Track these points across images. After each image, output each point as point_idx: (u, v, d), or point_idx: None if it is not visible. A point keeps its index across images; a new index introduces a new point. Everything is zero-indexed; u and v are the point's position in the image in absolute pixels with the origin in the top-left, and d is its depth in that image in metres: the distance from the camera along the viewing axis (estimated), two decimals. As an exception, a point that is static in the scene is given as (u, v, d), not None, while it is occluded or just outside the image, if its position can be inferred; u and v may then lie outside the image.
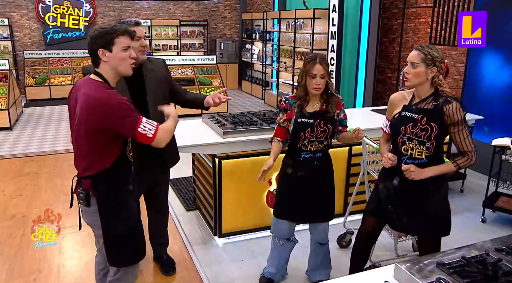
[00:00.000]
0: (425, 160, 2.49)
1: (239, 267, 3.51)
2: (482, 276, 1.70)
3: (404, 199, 2.58)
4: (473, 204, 4.68)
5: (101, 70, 2.20)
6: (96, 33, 2.15)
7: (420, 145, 2.47)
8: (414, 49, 2.49)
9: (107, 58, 2.16)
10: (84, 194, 2.22)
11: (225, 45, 13.19)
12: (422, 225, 2.60)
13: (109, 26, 2.21)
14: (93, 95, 2.10)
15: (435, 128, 2.42)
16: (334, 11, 7.64)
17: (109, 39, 2.14)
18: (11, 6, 11.81)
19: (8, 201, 4.77)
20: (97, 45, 2.14)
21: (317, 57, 2.79)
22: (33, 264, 3.49)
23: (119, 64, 2.19)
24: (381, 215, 2.73)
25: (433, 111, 2.43)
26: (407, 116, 2.50)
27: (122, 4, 12.84)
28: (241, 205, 3.84)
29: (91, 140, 2.16)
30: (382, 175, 2.74)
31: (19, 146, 7.04)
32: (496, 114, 5.56)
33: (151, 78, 2.88)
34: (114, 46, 2.15)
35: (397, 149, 2.58)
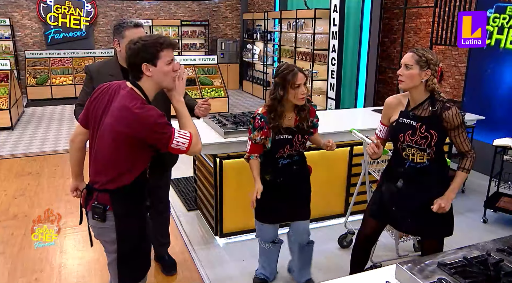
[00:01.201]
0: (427, 163, 2.49)
1: (240, 267, 3.52)
2: (483, 277, 1.70)
3: (408, 201, 2.57)
4: (474, 204, 4.68)
5: (142, 83, 2.09)
6: (139, 46, 2.04)
7: (421, 151, 2.47)
8: (409, 51, 2.48)
9: (151, 73, 2.06)
10: (101, 209, 2.08)
11: (226, 45, 13.20)
12: (427, 226, 2.59)
13: (150, 38, 2.08)
14: (132, 111, 1.98)
15: (435, 136, 2.41)
16: (335, 11, 7.64)
17: (154, 53, 2.04)
18: (12, 6, 11.82)
19: (10, 200, 4.78)
20: (141, 60, 2.03)
21: (294, 66, 2.73)
22: (35, 264, 3.50)
23: (163, 79, 2.10)
24: (383, 216, 2.73)
25: (432, 118, 2.42)
26: (405, 123, 2.48)
27: (124, 4, 12.85)
28: (242, 205, 3.83)
29: (123, 151, 2.06)
30: (385, 177, 2.74)
31: (20, 146, 7.05)
32: (498, 115, 5.56)
33: None
34: (159, 61, 2.05)
35: (398, 154, 2.59)
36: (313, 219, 4.15)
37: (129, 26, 2.69)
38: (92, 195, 2.13)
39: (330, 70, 8.04)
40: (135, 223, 2.18)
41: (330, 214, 4.21)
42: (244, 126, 3.80)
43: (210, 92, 9.84)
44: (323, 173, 4.03)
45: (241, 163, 3.72)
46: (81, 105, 2.63)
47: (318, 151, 3.98)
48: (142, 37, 2.09)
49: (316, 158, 3.98)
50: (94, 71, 2.83)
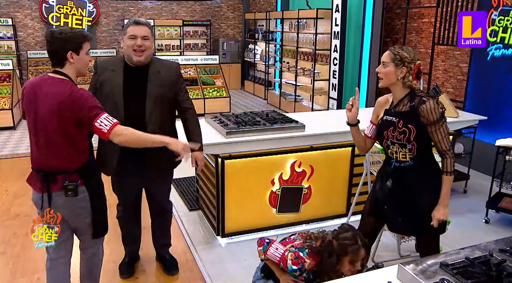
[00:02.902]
0: (410, 162, 2.52)
1: (242, 267, 3.51)
2: (486, 277, 1.69)
3: (397, 200, 2.61)
4: (476, 205, 4.67)
5: (65, 70, 2.36)
6: (65, 36, 2.31)
7: (402, 147, 2.50)
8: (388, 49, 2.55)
9: (73, 60, 2.35)
10: (73, 185, 2.37)
11: (228, 45, 13.20)
12: (417, 225, 2.61)
13: (73, 30, 2.39)
14: (64, 91, 2.26)
15: (413, 130, 2.44)
16: (337, 11, 7.63)
17: (78, 43, 2.34)
18: (15, 6, 11.85)
19: (12, 200, 4.79)
20: (67, 48, 2.31)
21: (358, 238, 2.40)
22: (37, 263, 3.50)
23: (81, 66, 2.42)
24: (379, 215, 2.76)
25: (410, 113, 2.46)
26: (388, 121, 2.55)
27: (125, 4, 12.86)
28: (244, 205, 3.84)
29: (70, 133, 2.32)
30: (379, 176, 2.78)
31: (22, 146, 7.06)
32: (500, 115, 5.55)
33: (155, 80, 2.81)
34: (81, 50, 2.36)
35: (386, 153, 2.65)
36: (314, 219, 4.17)
37: (130, 23, 2.77)
38: (55, 178, 2.37)
39: (332, 70, 8.03)
40: (100, 189, 2.60)
41: (332, 214, 4.21)
42: (246, 127, 3.80)
43: (212, 92, 9.84)
44: (325, 173, 4.03)
45: (243, 163, 3.73)
46: None
47: (320, 150, 3.99)
48: (63, 29, 2.37)
49: (319, 158, 3.99)
50: (99, 65, 2.89)
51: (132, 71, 2.81)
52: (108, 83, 2.80)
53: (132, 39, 2.72)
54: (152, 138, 2.47)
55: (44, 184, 2.37)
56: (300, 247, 2.46)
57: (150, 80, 2.81)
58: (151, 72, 2.82)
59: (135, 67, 2.80)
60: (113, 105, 2.74)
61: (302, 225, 4.12)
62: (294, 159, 3.89)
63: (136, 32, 2.73)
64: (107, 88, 2.79)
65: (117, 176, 3.03)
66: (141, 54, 2.74)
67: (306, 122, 3.99)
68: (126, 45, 2.76)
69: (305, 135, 3.89)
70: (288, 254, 2.43)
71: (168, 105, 2.89)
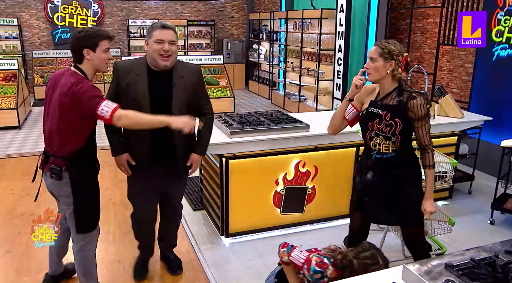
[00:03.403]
0: (393, 154, 2.58)
1: (246, 267, 3.51)
2: (491, 279, 1.68)
3: (378, 191, 2.67)
4: (481, 206, 4.65)
5: (83, 66, 2.59)
6: (82, 35, 2.54)
7: (386, 140, 2.56)
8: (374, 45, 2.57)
9: (90, 57, 2.56)
10: (57, 169, 2.58)
11: (232, 45, 13.20)
12: (399, 216, 2.69)
13: (92, 29, 2.65)
14: (67, 82, 2.48)
15: (399, 124, 2.49)
16: (341, 11, 7.62)
17: (94, 41, 2.53)
18: (20, 6, 11.90)
19: (17, 199, 4.81)
20: (83, 45, 2.53)
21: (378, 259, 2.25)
22: (41, 262, 3.51)
23: (99, 63, 2.60)
24: (363, 208, 2.80)
25: (398, 107, 2.51)
26: (373, 112, 2.59)
27: (130, 4, 12.89)
28: (248, 205, 3.84)
29: (66, 122, 2.52)
30: (358, 170, 2.81)
31: (27, 145, 7.09)
32: (505, 115, 5.52)
33: (180, 85, 2.74)
34: (97, 48, 2.55)
35: (366, 144, 2.69)
36: (319, 219, 4.16)
37: (157, 27, 2.66)
38: (48, 159, 2.62)
39: (336, 71, 8.02)
40: (86, 180, 2.69)
41: (336, 214, 4.20)
42: (250, 127, 3.80)
43: (216, 92, 9.84)
44: (330, 173, 4.03)
45: (247, 163, 3.73)
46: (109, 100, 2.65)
47: (324, 151, 3.98)
48: (86, 28, 2.59)
49: (323, 158, 3.98)
50: (120, 68, 2.78)
51: (156, 76, 2.72)
52: (132, 88, 2.70)
53: (159, 43, 2.62)
54: (155, 119, 2.53)
55: (41, 162, 2.70)
56: (325, 256, 2.44)
57: (175, 85, 2.73)
58: (176, 77, 2.74)
59: (159, 71, 2.72)
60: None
61: (306, 225, 4.12)
62: (299, 159, 3.89)
63: (163, 36, 2.63)
64: (132, 93, 2.70)
65: (139, 180, 2.96)
66: (168, 59, 2.66)
67: (311, 122, 3.99)
68: (151, 49, 2.65)
69: (309, 135, 3.88)
70: (313, 257, 2.42)
71: (192, 110, 2.80)
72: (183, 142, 2.82)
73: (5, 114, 8.06)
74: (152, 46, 2.64)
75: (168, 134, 2.70)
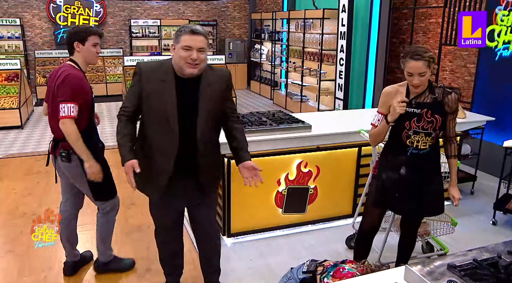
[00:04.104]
0: (428, 149, 2.69)
1: (248, 267, 3.51)
2: (494, 279, 1.68)
3: (411, 185, 2.74)
4: (483, 206, 4.64)
5: (75, 58, 2.92)
6: (74, 30, 2.91)
7: (427, 136, 2.65)
8: (412, 60, 2.52)
9: (80, 50, 2.89)
10: (66, 153, 2.89)
11: (234, 45, 13.21)
12: (427, 206, 2.81)
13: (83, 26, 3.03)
14: (60, 72, 2.82)
15: (439, 120, 2.62)
16: (343, 11, 7.61)
17: (84, 36, 2.87)
18: (23, 6, 11.93)
19: (19, 199, 4.82)
20: (74, 39, 2.87)
21: None
22: (43, 262, 3.52)
23: (87, 56, 2.92)
24: (385, 204, 2.88)
25: (435, 103, 2.62)
26: (409, 112, 2.63)
27: (132, 4, 12.90)
28: (249, 205, 3.84)
29: None
30: (386, 167, 2.83)
31: (30, 145, 7.10)
32: (508, 116, 5.50)
33: (207, 94, 2.49)
34: (86, 42, 2.88)
35: (400, 142, 2.72)
36: (321, 219, 4.16)
37: (186, 31, 2.38)
38: (58, 144, 2.94)
39: (338, 71, 8.01)
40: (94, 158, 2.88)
41: (338, 214, 4.20)
42: (252, 127, 3.80)
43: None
44: (331, 174, 4.02)
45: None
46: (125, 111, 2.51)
47: (326, 151, 3.98)
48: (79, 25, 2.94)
49: (325, 158, 3.98)
50: (146, 72, 2.50)
51: (183, 84, 2.47)
52: (158, 95, 2.45)
53: (186, 50, 2.36)
54: (84, 151, 2.82)
55: (51, 148, 3.02)
56: None
57: (202, 94, 2.48)
58: (203, 85, 2.49)
59: (186, 79, 2.46)
60: (165, 124, 2.45)
61: (308, 226, 4.12)
62: (300, 159, 3.89)
63: (192, 43, 2.36)
64: (157, 102, 2.45)
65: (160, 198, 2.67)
66: (195, 67, 2.41)
67: (312, 122, 3.98)
68: (178, 55, 2.39)
69: (311, 135, 3.88)
70: None
71: (218, 120, 2.62)
72: (207, 153, 2.59)
73: (8, 114, 8.08)
74: (178, 52, 2.39)
75: (191, 146, 2.50)
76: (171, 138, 2.45)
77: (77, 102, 2.76)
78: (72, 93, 2.74)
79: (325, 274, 2.45)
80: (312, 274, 2.53)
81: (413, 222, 3.00)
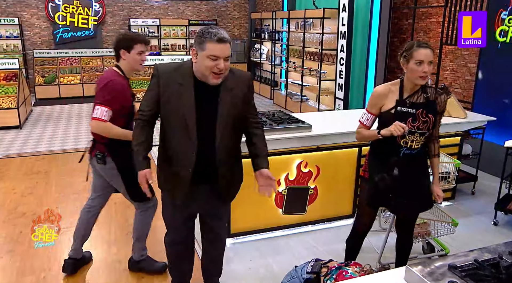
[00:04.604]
0: (420, 148, 2.71)
1: (248, 267, 3.50)
2: (495, 280, 1.67)
3: (404, 185, 2.73)
4: (484, 207, 4.63)
5: (121, 64, 3.00)
6: (121, 37, 3.00)
7: (421, 136, 2.66)
8: (421, 48, 2.54)
9: (125, 57, 2.96)
10: (101, 155, 2.97)
11: (234, 45, 13.19)
12: (420, 202, 2.86)
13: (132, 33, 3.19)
14: (104, 77, 2.93)
15: (432, 119, 2.65)
16: (344, 10, 7.60)
17: (130, 43, 2.93)
18: (21, 5, 11.91)
19: (19, 199, 4.81)
20: (121, 46, 2.95)
21: None
22: (43, 262, 3.51)
23: (133, 64, 2.98)
24: (379, 204, 2.93)
25: (428, 103, 2.64)
26: (404, 112, 2.63)
27: (131, 3, 12.90)
28: (249, 205, 3.82)
29: None
30: (375, 168, 2.82)
31: (29, 145, 7.09)
32: (509, 116, 5.49)
33: (227, 100, 2.38)
34: (132, 50, 2.94)
35: (393, 142, 2.68)
36: (321, 219, 4.15)
37: (212, 39, 2.22)
38: (95, 146, 3.02)
39: (338, 70, 8.00)
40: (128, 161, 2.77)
41: (338, 214, 4.19)
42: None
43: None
44: (331, 174, 4.01)
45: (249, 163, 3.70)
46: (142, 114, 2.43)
47: (326, 151, 3.97)
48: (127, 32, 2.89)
49: (325, 158, 3.97)
50: (164, 74, 2.39)
51: (203, 88, 2.34)
52: (176, 99, 2.35)
53: (213, 60, 2.22)
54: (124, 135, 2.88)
55: (90, 147, 3.08)
56: None
57: (221, 99, 2.36)
58: (223, 90, 2.37)
59: (206, 84, 2.33)
60: (183, 129, 2.36)
61: (308, 226, 4.11)
62: (301, 159, 3.88)
63: (220, 53, 2.22)
64: (176, 107, 2.35)
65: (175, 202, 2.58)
66: (220, 77, 2.30)
67: (313, 122, 3.97)
68: (203, 64, 2.25)
69: (311, 135, 3.87)
70: None
71: (239, 126, 2.50)
72: (227, 161, 2.50)
73: (6, 114, 8.06)
74: (203, 60, 2.24)
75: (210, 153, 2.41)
76: (190, 145, 2.36)
77: (111, 107, 2.84)
78: (109, 98, 2.83)
79: (328, 276, 2.45)
80: (316, 275, 2.52)
81: (408, 221, 2.99)
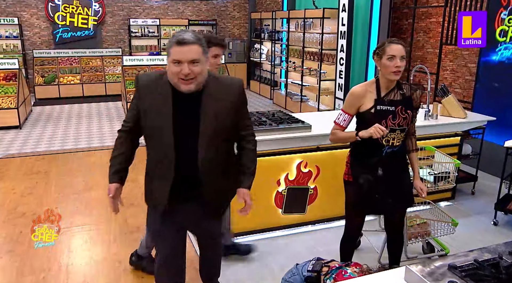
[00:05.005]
0: (401, 144, 2.74)
1: (248, 267, 3.50)
2: (495, 280, 1.67)
3: (388, 184, 2.73)
4: (484, 207, 4.63)
5: None
6: None
7: (402, 132, 2.69)
8: (393, 43, 2.59)
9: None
10: None
11: (234, 44, 13.19)
12: (404, 199, 2.87)
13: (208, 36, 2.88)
14: None
15: (411, 115, 2.68)
16: (343, 10, 7.60)
17: None
18: (21, 5, 11.90)
19: (19, 199, 4.80)
20: None
21: None
22: (43, 262, 3.51)
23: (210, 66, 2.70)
24: (365, 206, 2.86)
25: (405, 99, 2.67)
26: (384, 110, 2.64)
27: (131, 3, 12.89)
28: (249, 205, 3.82)
29: None
30: (359, 170, 2.79)
31: (28, 145, 7.09)
32: (509, 116, 5.49)
33: (210, 111, 2.16)
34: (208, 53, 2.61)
35: (375, 142, 2.66)
36: (320, 220, 4.14)
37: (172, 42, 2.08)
38: None
39: (338, 70, 8.00)
40: None
41: (338, 215, 4.17)
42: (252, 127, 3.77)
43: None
44: (331, 174, 4.01)
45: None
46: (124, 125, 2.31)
47: (326, 151, 3.96)
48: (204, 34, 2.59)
49: (325, 158, 3.97)
50: (143, 85, 2.22)
51: (182, 99, 2.14)
52: (154, 111, 2.16)
53: (176, 65, 2.04)
54: None
55: None
56: None
57: (203, 110, 2.15)
58: (205, 100, 2.16)
59: (185, 93, 2.12)
60: (159, 144, 2.18)
61: (308, 226, 4.11)
62: (300, 159, 3.87)
63: (180, 56, 2.02)
64: (153, 119, 2.17)
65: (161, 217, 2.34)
66: (190, 83, 2.07)
67: (312, 122, 3.97)
68: (170, 71, 2.08)
69: (311, 135, 3.86)
70: None
71: (226, 140, 2.28)
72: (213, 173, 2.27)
73: (6, 114, 8.06)
74: (169, 66, 2.08)
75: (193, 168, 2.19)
76: (168, 160, 2.15)
77: None
78: None
79: (328, 275, 2.46)
80: (317, 273, 2.53)
81: (397, 220, 2.98)
